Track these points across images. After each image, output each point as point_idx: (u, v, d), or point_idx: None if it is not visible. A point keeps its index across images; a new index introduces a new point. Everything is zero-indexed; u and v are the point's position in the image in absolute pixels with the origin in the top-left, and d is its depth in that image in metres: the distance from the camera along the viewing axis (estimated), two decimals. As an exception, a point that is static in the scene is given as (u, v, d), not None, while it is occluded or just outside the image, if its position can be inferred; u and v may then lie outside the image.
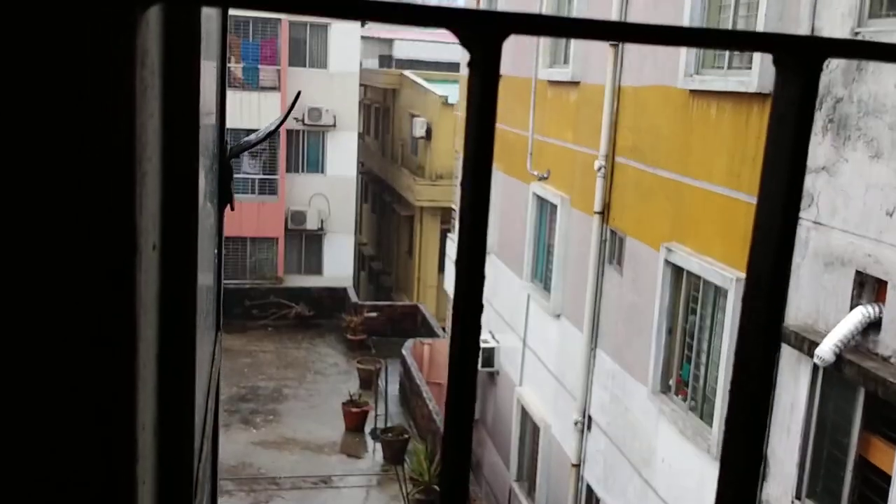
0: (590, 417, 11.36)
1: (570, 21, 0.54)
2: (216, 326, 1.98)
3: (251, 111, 24.45)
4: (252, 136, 2.35)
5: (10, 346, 0.60)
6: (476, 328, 0.53)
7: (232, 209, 2.03)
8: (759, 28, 7.65)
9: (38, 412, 0.62)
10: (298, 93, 3.02)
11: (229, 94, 2.72)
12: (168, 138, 0.77)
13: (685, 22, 8.89)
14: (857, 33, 6.53)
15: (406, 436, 16.89)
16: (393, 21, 0.53)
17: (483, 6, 15.51)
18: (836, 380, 6.59)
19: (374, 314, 23.47)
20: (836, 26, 6.76)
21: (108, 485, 0.65)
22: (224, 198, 1.93)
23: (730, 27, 8.41)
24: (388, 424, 17.35)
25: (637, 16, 10.28)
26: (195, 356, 1.01)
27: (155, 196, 0.71)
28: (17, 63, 0.54)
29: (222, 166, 1.89)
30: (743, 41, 0.66)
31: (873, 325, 6.16)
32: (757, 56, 7.69)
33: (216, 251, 1.89)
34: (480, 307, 0.54)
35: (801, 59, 0.59)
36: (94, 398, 0.64)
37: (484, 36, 0.53)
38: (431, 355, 19.73)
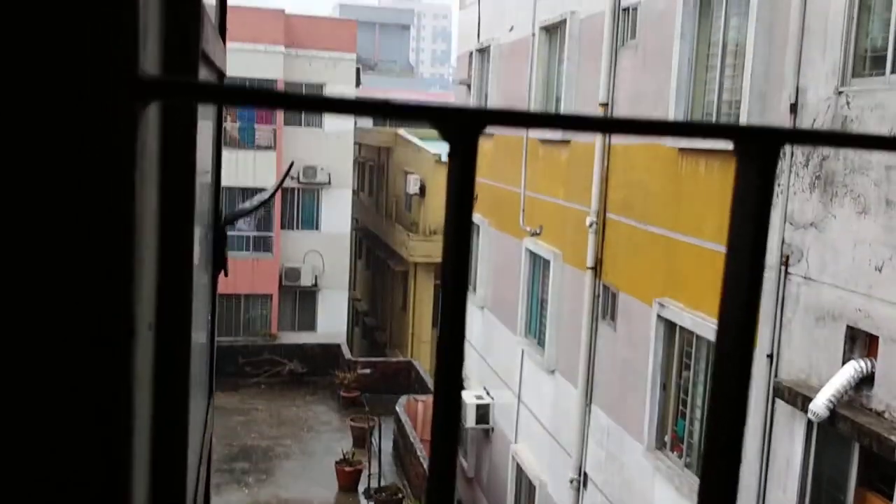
0: (585, 475, 11.26)
1: (539, 115, 0.59)
2: (209, 392, 2.00)
3: (247, 170, 24.67)
4: (246, 204, 2.40)
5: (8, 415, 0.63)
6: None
7: (226, 275, 2.06)
8: (746, 87, 7.80)
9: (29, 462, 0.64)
10: (291, 163, 3.09)
11: (225, 153, 2.77)
12: (164, 218, 0.81)
13: (673, 83, 9.07)
14: (840, 92, 6.66)
15: (400, 495, 16.65)
16: (379, 117, 0.57)
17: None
18: (830, 435, 6.57)
19: (367, 371, 23.30)
20: (820, 85, 6.89)
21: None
22: (218, 264, 1.96)
23: (716, 88, 8.57)
24: (382, 483, 17.12)
25: (626, 82, 10.46)
26: (188, 427, 1.03)
27: (151, 278, 0.74)
28: (18, 155, 0.57)
29: (216, 232, 1.93)
30: (705, 131, 0.71)
31: (866, 380, 6.17)
32: (744, 113, 7.82)
33: (209, 317, 1.92)
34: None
35: (758, 146, 0.63)
36: (92, 472, 0.66)
37: (461, 129, 0.57)
38: (426, 412, 19.54)
